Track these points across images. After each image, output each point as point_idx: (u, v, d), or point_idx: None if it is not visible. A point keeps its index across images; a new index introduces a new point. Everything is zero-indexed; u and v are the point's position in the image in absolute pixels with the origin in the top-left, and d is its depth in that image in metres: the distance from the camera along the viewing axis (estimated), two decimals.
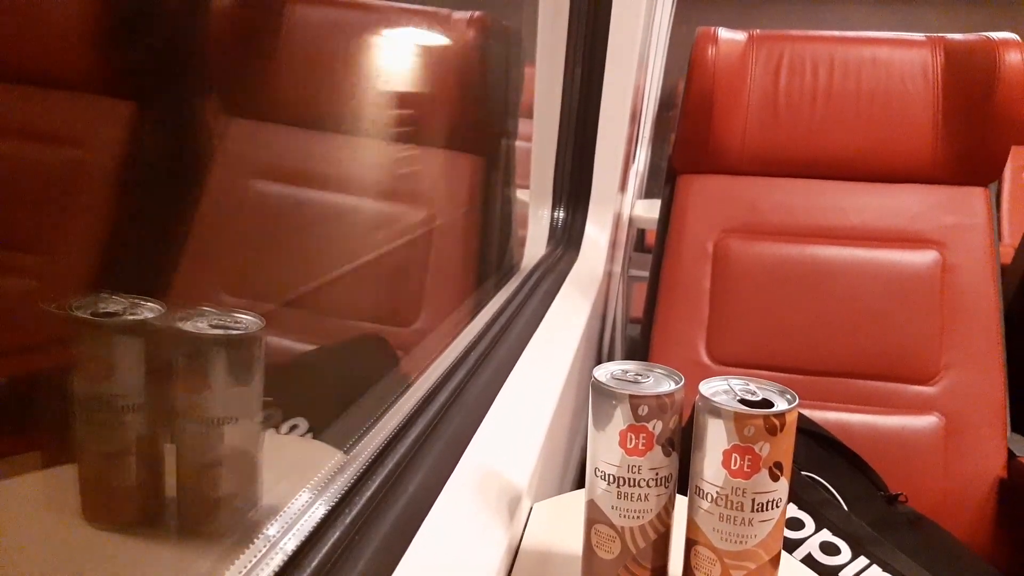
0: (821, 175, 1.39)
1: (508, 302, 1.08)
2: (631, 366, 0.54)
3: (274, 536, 0.47)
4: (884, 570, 0.92)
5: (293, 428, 0.81)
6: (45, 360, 0.49)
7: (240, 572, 0.44)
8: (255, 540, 0.47)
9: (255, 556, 0.45)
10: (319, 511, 0.50)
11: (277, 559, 0.45)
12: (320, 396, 0.88)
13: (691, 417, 0.52)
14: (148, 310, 0.51)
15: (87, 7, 0.58)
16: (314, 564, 0.45)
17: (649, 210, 2.06)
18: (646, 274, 1.49)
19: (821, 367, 1.31)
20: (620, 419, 0.50)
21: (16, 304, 0.48)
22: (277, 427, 0.80)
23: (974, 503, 1.23)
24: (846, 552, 0.94)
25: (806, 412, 1.24)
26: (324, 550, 0.47)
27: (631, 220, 2.18)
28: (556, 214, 1.51)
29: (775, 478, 0.49)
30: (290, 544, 0.46)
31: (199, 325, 0.51)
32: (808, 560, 0.94)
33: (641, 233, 2.71)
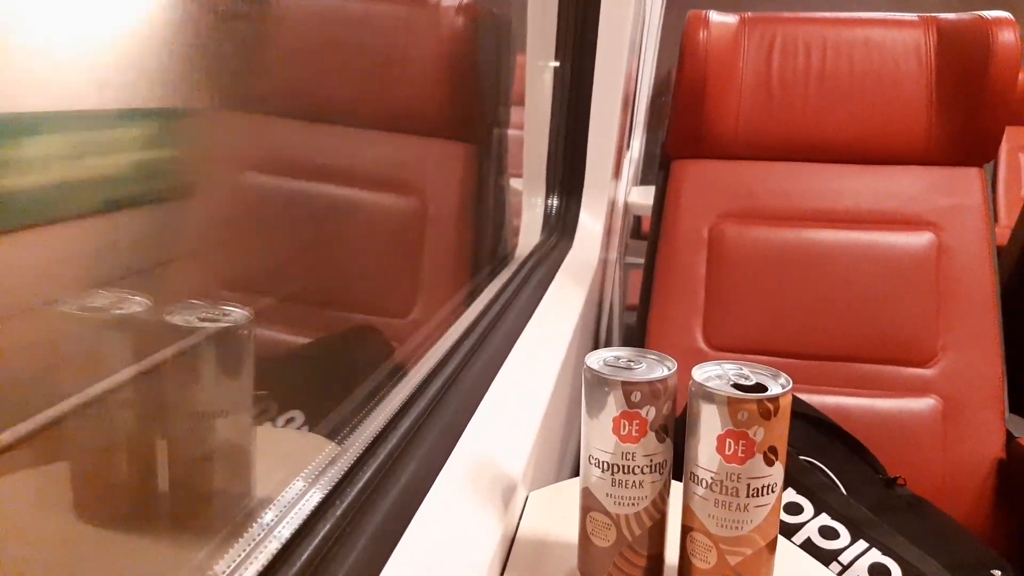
0: (815, 158, 1.38)
1: (502, 291, 1.08)
2: (624, 352, 0.54)
3: (269, 523, 0.47)
4: (883, 553, 0.92)
5: (289, 421, 0.81)
6: (34, 356, 0.48)
7: (236, 558, 0.44)
8: (250, 527, 0.47)
9: (251, 543, 0.45)
10: (314, 499, 0.50)
11: (272, 546, 0.45)
12: (316, 388, 0.88)
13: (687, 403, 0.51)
14: (136, 304, 0.51)
15: None
16: (309, 551, 0.45)
17: (644, 197, 2.05)
18: (642, 261, 1.49)
19: (818, 351, 1.31)
20: (613, 406, 0.50)
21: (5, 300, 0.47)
22: (273, 420, 0.80)
23: (973, 485, 1.23)
24: (845, 536, 0.94)
25: (804, 396, 1.24)
26: (319, 538, 0.47)
27: (626, 207, 2.17)
28: (550, 202, 1.51)
29: (770, 463, 0.48)
30: (285, 531, 0.46)
31: (188, 318, 0.51)
32: (807, 544, 0.94)
33: (637, 220, 2.70)
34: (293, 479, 0.52)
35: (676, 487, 0.53)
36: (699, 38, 1.35)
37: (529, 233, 1.49)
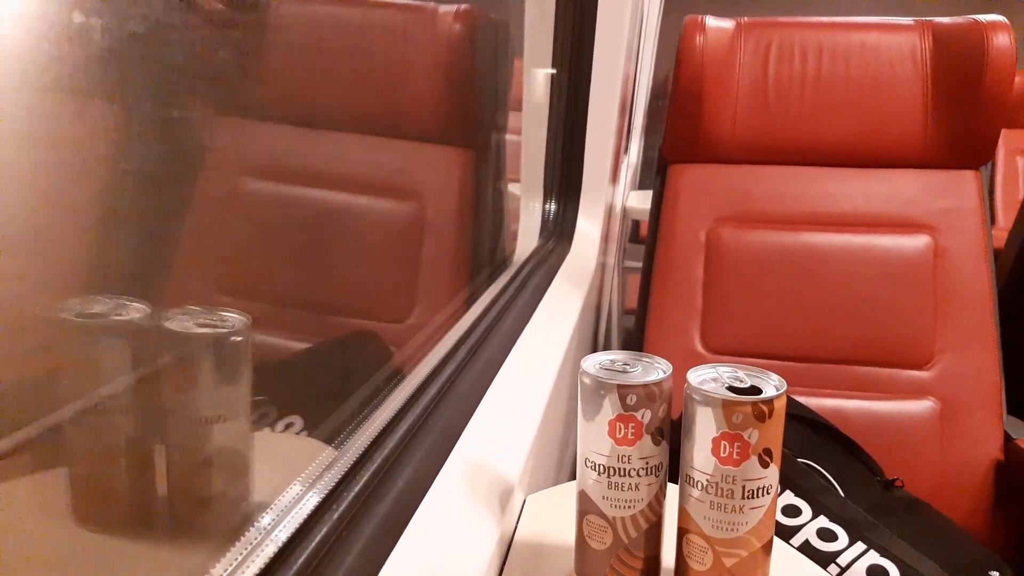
0: (812, 162, 1.39)
1: (500, 295, 1.08)
2: (620, 356, 0.54)
3: (266, 527, 0.47)
4: (882, 555, 0.92)
5: (288, 426, 0.81)
6: (32, 363, 0.48)
7: (233, 561, 0.44)
8: (248, 531, 0.47)
9: (248, 546, 0.45)
10: (311, 503, 0.50)
11: (269, 549, 0.45)
12: (314, 394, 0.88)
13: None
14: (134, 310, 0.51)
15: None
16: (306, 554, 0.46)
17: (643, 201, 2.06)
18: (641, 265, 1.49)
19: (816, 354, 1.31)
20: (609, 409, 0.50)
21: (3, 307, 0.48)
22: (272, 425, 0.80)
23: (971, 486, 1.23)
24: (843, 538, 0.94)
25: (801, 399, 1.24)
26: (315, 541, 0.47)
27: (625, 211, 2.18)
28: (547, 206, 1.51)
29: (765, 465, 0.49)
30: (282, 535, 0.47)
31: (186, 324, 0.51)
32: (805, 547, 0.94)
33: (636, 224, 2.71)
34: (290, 483, 0.53)
35: (672, 489, 0.54)
36: (696, 43, 1.36)
37: (527, 237, 1.49)
